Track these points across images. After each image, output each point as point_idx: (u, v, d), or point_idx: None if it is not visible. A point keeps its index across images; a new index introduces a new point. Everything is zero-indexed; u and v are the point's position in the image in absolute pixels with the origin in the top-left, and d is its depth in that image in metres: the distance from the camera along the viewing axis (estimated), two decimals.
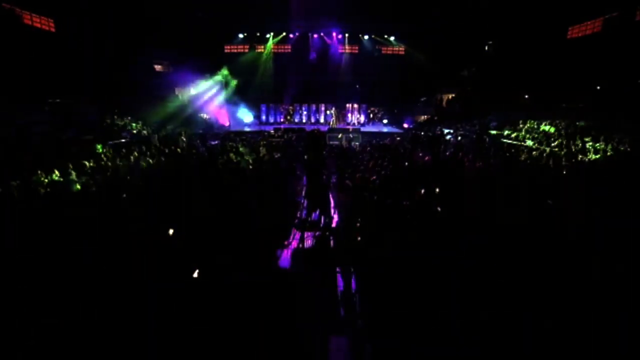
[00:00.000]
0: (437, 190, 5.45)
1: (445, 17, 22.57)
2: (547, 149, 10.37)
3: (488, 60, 24.92)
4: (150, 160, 9.15)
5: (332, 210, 5.36)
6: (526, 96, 19.60)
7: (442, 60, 24.40)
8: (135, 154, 9.74)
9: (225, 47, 25.43)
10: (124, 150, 10.11)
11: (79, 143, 10.35)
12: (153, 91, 23.75)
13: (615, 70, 16.04)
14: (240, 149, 10.95)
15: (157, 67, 26.24)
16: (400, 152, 10.41)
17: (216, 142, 14.55)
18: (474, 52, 25.08)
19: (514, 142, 12.45)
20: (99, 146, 10.28)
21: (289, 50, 24.87)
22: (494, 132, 13.01)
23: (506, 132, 14.12)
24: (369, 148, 11.79)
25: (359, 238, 4.44)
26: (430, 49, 24.55)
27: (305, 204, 5.19)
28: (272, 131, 15.60)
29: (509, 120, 17.52)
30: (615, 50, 16.39)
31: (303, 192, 5.47)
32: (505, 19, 21.26)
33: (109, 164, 8.28)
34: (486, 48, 25.76)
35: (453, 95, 26.10)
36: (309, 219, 4.74)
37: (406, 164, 7.57)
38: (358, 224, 4.70)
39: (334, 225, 5.04)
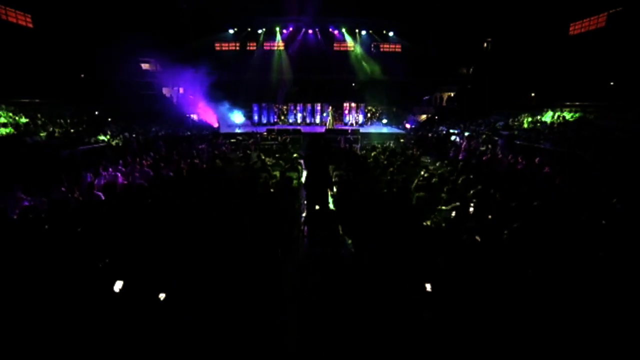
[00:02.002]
0: (471, 209, 4.32)
1: (443, 14, 21.82)
2: None
3: (487, 57, 24.33)
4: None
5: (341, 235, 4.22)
6: (532, 94, 18.79)
7: (441, 57, 23.67)
8: None
9: (216, 45, 24.33)
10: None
11: (43, 148, 9.06)
12: (139, 90, 22.54)
13: (621, 67, 15.38)
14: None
15: (144, 66, 24.98)
16: (409, 156, 9.28)
17: (203, 145, 13.31)
18: (473, 49, 24.43)
19: (527, 144, 11.39)
20: None
21: (282, 48, 23.77)
22: (504, 132, 11.94)
23: (516, 132, 13.14)
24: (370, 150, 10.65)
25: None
26: (429, 46, 23.74)
27: (305, 231, 4.02)
28: (265, 133, 14.35)
29: (516, 119, 16.76)
30: (620, 47, 15.63)
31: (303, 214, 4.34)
32: (503, 16, 20.58)
33: None
34: (485, 45, 25.24)
35: (453, 93, 25.38)
36: (313, 253, 3.59)
37: (422, 172, 6.44)
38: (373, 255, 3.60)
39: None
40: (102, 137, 13.40)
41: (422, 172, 6.54)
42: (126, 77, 21.05)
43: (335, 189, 4.92)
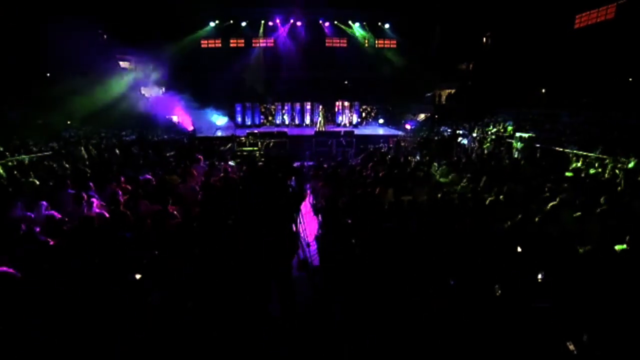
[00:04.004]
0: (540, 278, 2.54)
1: (442, 6, 20.63)
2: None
3: (488, 53, 23.05)
4: None
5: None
6: (543, 90, 17.34)
7: (440, 52, 22.42)
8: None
9: (202, 42, 22.49)
10: None
11: None
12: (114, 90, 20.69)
13: (633, 62, 13.98)
14: None
15: (123, 64, 23.10)
16: (413, 167, 7.49)
17: (172, 152, 11.49)
18: (472, 44, 23.11)
19: (553, 148, 9.68)
20: None
21: (272, 44, 21.97)
22: (523, 134, 10.23)
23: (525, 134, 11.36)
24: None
25: None
26: (429, 40, 22.40)
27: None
28: (243, 138, 12.39)
29: (527, 118, 15.19)
30: (632, 39, 14.34)
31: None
32: (503, 9, 19.34)
33: None
34: (484, 40, 24.00)
35: (452, 91, 23.94)
36: None
37: (439, 196, 4.67)
38: None
39: None
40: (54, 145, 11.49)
41: None
42: (101, 76, 19.28)
43: None
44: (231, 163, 10.18)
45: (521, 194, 4.71)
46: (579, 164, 5.62)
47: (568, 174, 6.14)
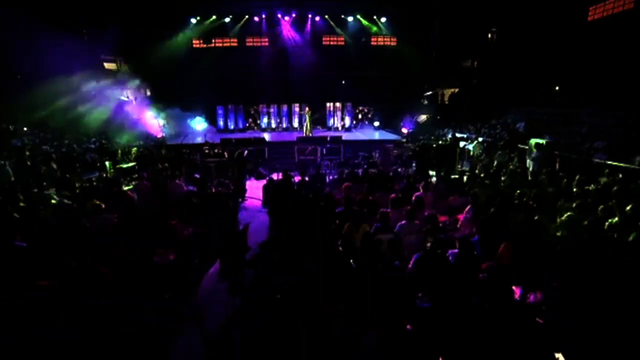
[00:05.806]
0: None
1: (441, 1, 19.30)
2: None
3: (492, 49, 21.56)
4: None
5: None
6: (557, 88, 15.72)
7: (440, 49, 20.92)
8: None
9: (194, 43, 21.05)
10: None
11: None
12: (99, 94, 19.40)
13: None
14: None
15: (108, 65, 21.78)
16: (408, 184, 5.85)
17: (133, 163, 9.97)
18: (476, 40, 21.66)
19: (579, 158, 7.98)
20: None
21: (266, 44, 20.46)
22: (539, 139, 8.53)
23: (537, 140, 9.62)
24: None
25: None
26: (427, 37, 20.87)
27: None
28: (206, 147, 10.69)
29: (541, 119, 13.54)
30: None
31: None
32: (509, 2, 17.93)
33: None
34: (490, 36, 22.55)
35: (455, 90, 22.39)
36: None
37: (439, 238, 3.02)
38: None
39: None
40: None
41: None
42: (83, 79, 17.96)
43: None
44: (196, 175, 8.68)
45: None
46: None
47: None
